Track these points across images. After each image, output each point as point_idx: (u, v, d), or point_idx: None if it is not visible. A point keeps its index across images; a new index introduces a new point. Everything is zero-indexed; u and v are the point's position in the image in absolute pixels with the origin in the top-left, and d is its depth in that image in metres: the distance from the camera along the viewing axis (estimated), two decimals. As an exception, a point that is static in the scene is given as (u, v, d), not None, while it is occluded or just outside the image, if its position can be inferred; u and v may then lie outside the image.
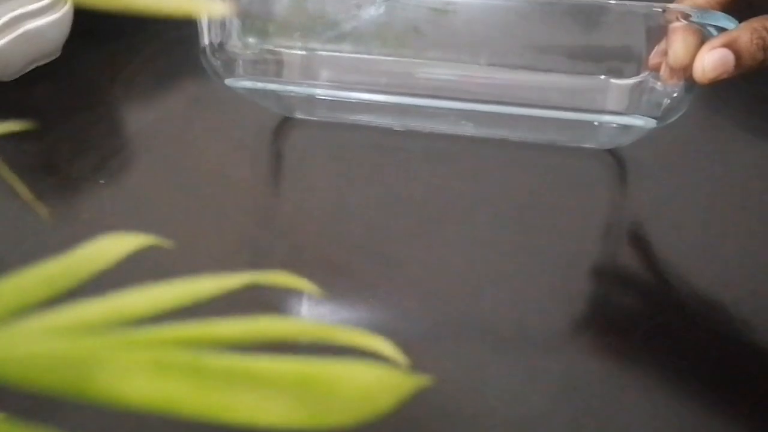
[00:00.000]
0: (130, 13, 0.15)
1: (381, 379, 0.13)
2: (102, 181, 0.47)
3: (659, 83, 0.38)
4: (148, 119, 0.52)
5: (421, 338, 0.38)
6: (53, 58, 0.55)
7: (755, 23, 0.33)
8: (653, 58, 0.38)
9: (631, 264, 0.42)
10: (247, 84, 0.42)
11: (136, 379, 0.12)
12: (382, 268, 0.42)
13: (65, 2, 0.52)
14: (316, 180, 0.48)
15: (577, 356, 0.37)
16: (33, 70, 0.55)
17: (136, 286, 0.14)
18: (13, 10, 0.49)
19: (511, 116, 0.41)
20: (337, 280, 0.40)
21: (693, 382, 0.36)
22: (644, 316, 0.39)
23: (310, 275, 0.21)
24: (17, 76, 0.54)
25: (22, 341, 0.13)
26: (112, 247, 0.16)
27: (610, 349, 0.38)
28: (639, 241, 0.43)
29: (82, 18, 0.54)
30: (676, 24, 0.35)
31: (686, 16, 0.35)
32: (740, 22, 0.34)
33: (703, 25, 0.35)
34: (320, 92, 0.42)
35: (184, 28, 0.60)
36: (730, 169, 0.46)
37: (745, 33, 0.33)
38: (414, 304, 0.40)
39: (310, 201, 0.46)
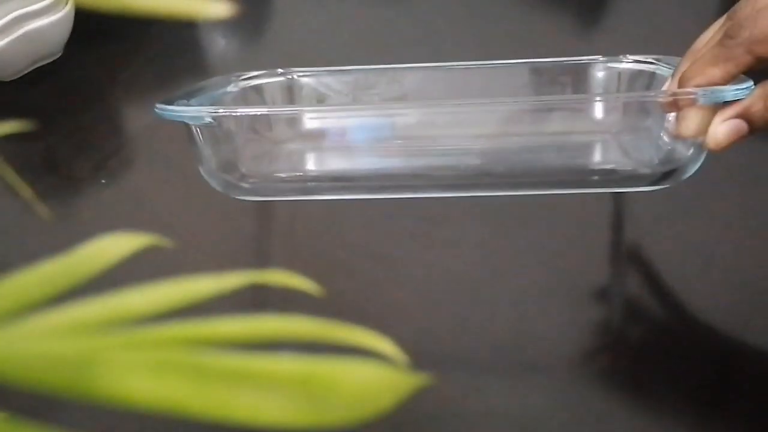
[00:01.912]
0: (130, 14, 0.15)
1: (381, 378, 0.13)
2: (103, 181, 0.47)
3: (666, 137, 0.37)
4: (148, 119, 0.52)
5: (421, 338, 0.38)
6: (54, 58, 0.56)
7: None
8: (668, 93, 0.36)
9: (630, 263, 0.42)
10: (257, 198, 0.42)
11: (136, 378, 0.12)
12: (382, 268, 0.42)
13: (66, 3, 0.52)
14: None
15: (575, 356, 0.37)
16: (34, 70, 0.55)
17: (136, 286, 0.14)
18: (15, 10, 0.49)
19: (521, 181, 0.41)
20: (337, 280, 0.40)
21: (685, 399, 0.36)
22: (640, 312, 0.39)
23: (310, 275, 0.21)
24: (18, 76, 0.54)
25: (23, 341, 0.13)
26: (112, 247, 0.16)
27: (608, 349, 0.38)
28: (645, 260, 0.42)
29: (83, 19, 0.54)
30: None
31: (694, 101, 0.34)
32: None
33: (713, 103, 0.34)
34: (327, 197, 0.41)
35: (185, 29, 0.60)
36: (730, 175, 0.46)
37: (758, 101, 0.32)
38: (414, 303, 0.40)
39: (310, 200, 0.46)
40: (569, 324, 0.39)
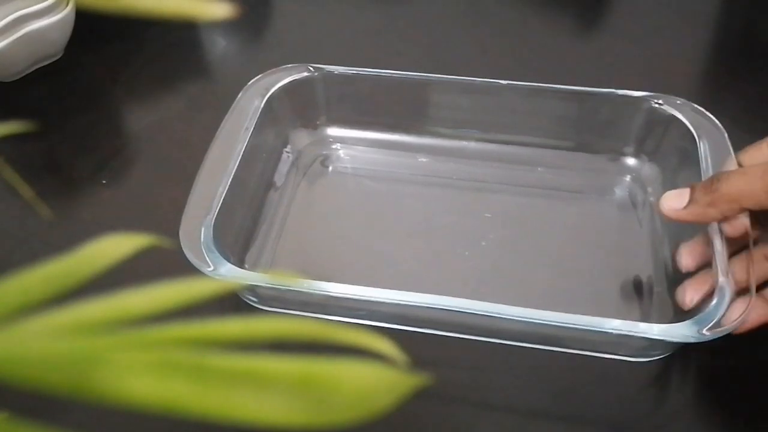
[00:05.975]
0: (131, 15, 0.15)
1: (381, 379, 0.13)
2: (103, 182, 0.48)
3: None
4: (148, 120, 0.52)
5: (421, 338, 0.38)
6: (55, 59, 0.56)
7: None
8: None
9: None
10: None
11: (137, 378, 0.12)
12: (381, 267, 0.42)
13: (67, 4, 0.52)
14: (316, 177, 0.48)
15: (576, 356, 0.37)
16: (35, 71, 0.55)
17: (136, 286, 0.14)
18: (16, 11, 0.49)
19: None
20: (338, 279, 0.40)
21: None
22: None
23: (310, 274, 0.21)
24: (19, 77, 0.54)
25: (23, 341, 0.13)
26: (112, 247, 0.16)
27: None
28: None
29: (83, 19, 0.54)
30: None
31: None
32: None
33: None
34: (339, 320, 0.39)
35: (185, 30, 0.60)
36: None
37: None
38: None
39: (311, 199, 0.46)
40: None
